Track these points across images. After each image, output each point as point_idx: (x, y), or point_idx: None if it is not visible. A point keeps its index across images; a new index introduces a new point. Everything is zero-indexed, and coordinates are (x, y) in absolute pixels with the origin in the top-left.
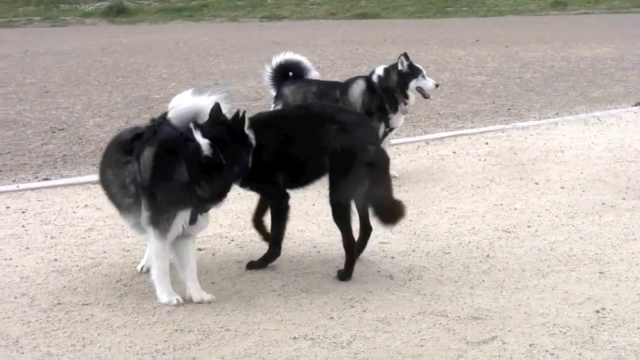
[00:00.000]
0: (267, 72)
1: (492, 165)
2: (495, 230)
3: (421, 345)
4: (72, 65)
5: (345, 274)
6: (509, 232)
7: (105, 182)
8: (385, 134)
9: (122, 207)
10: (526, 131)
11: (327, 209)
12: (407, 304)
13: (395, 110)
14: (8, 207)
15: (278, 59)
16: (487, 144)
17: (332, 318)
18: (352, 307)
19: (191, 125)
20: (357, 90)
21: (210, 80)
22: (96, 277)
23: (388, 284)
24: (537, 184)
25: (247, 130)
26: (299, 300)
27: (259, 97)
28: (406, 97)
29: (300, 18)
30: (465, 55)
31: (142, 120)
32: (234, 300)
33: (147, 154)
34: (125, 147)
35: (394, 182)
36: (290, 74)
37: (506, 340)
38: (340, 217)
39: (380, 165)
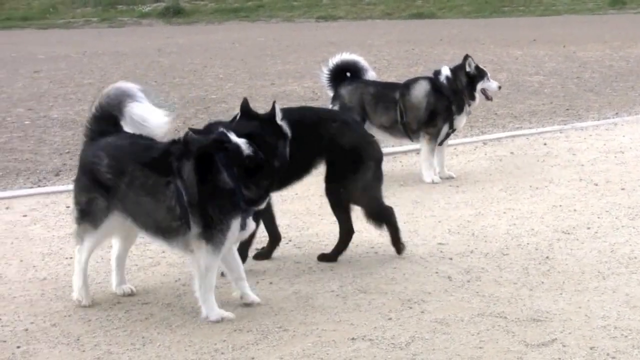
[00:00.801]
0: (324, 72)
1: (550, 166)
2: (554, 232)
3: (480, 347)
4: (130, 65)
5: (330, 257)
6: (569, 233)
7: (142, 213)
8: (448, 135)
9: (169, 232)
10: (585, 132)
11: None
12: (465, 305)
13: (460, 111)
14: (68, 207)
15: (335, 60)
16: (545, 144)
17: (390, 319)
18: (411, 308)
19: (221, 127)
20: (422, 91)
21: (266, 81)
22: (155, 277)
23: (446, 285)
24: (596, 185)
25: (280, 122)
26: (357, 301)
27: (315, 97)
28: (472, 98)
29: (356, 18)
30: (523, 55)
31: (200, 120)
32: (292, 300)
33: (188, 167)
34: (157, 167)
35: (451, 183)
36: (348, 74)
37: (566, 343)
38: (345, 208)
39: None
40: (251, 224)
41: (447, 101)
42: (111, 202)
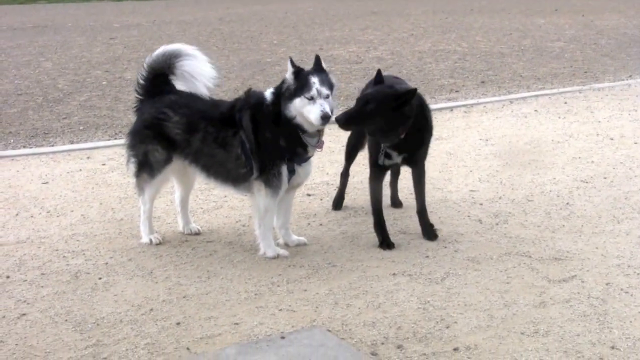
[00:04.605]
0: None
1: (570, 122)
2: (574, 181)
3: (507, 282)
4: (194, 32)
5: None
6: (587, 182)
7: (215, 164)
8: None
9: (237, 179)
10: (601, 92)
11: None
12: (494, 245)
13: None
14: None
15: None
16: (565, 103)
17: (427, 257)
18: (445, 247)
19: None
20: None
21: (315, 46)
22: (218, 218)
23: (477, 228)
24: (612, 139)
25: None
26: (398, 240)
27: (359, 61)
28: None
29: None
30: (545, 24)
31: (256, 81)
32: (340, 239)
33: (247, 119)
34: (225, 121)
35: (481, 137)
36: None
37: (584, 279)
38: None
39: None
40: (304, 170)
41: None
42: (172, 155)
